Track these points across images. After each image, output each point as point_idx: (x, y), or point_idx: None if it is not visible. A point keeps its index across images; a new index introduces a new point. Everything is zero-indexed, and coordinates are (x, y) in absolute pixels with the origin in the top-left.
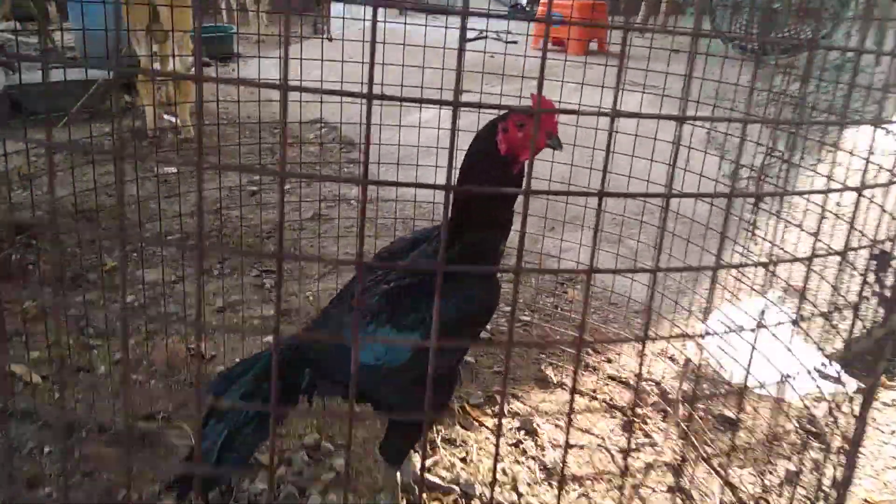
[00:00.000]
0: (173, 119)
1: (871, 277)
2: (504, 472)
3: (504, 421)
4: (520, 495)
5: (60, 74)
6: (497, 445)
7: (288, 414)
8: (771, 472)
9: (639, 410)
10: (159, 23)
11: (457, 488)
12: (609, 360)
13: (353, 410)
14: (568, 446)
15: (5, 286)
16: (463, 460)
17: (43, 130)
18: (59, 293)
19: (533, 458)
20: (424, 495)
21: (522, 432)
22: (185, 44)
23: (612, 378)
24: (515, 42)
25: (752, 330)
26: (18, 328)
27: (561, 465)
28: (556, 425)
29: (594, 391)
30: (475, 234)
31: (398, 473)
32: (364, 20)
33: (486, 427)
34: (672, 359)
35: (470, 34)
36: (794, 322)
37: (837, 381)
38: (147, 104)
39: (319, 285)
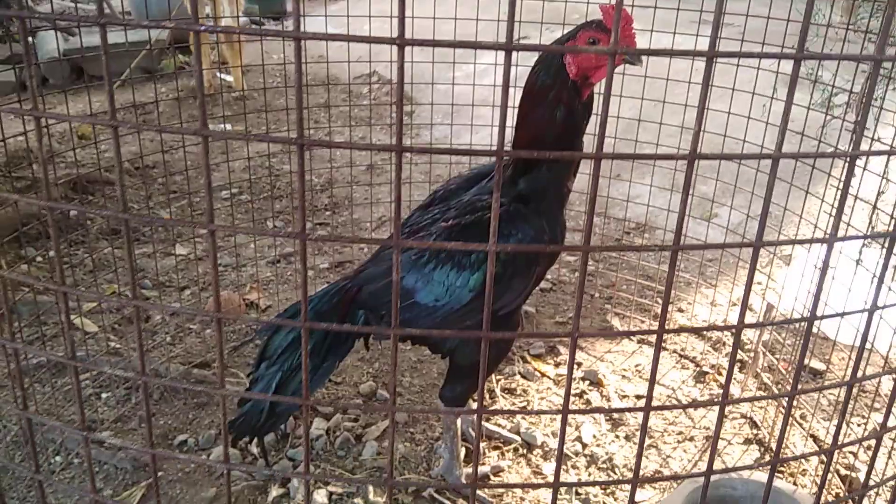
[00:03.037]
0: (228, 78)
1: None
2: (568, 423)
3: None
4: (584, 445)
5: (119, 37)
6: (568, 391)
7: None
8: (859, 425)
9: (713, 361)
10: None
11: (518, 437)
12: (681, 310)
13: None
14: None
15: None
16: (523, 410)
17: (103, 93)
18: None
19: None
20: (484, 443)
21: (587, 383)
22: (236, 1)
23: (685, 328)
24: None
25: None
26: (71, 280)
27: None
28: (623, 376)
29: (664, 341)
30: (541, 168)
31: (458, 420)
32: None
33: (548, 377)
34: (749, 308)
35: None
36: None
37: None
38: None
39: (374, 236)
